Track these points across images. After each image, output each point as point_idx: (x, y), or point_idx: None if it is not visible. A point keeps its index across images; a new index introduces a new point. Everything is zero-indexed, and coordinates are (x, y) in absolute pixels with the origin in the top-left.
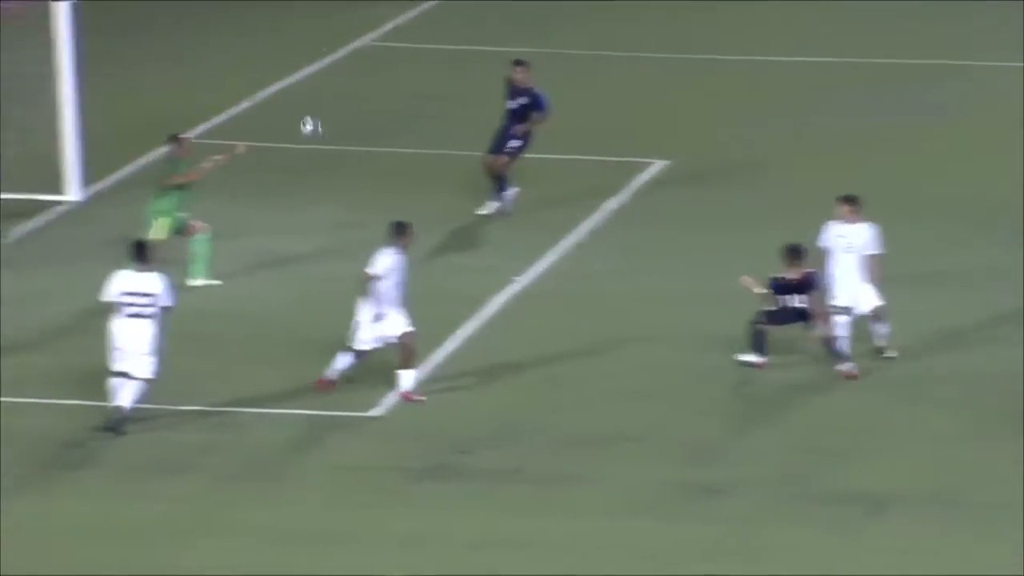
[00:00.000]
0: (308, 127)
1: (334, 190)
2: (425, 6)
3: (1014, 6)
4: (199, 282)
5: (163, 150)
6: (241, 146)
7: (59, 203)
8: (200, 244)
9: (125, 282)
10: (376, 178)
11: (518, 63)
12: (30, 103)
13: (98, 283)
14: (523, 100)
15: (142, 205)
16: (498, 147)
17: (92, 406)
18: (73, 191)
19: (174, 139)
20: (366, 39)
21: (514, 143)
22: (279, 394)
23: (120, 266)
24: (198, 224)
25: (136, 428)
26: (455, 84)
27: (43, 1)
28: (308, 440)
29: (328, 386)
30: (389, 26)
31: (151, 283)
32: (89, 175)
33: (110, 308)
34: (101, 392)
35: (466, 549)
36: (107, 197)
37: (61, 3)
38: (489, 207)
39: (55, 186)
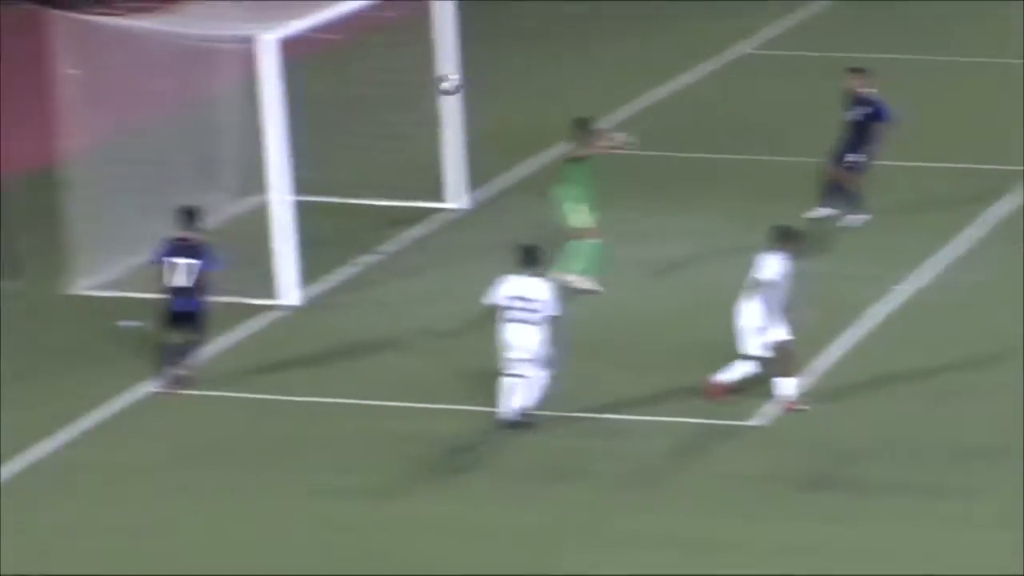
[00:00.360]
0: (448, 83)
1: (710, 197)
2: (800, 16)
3: None
4: (571, 278)
5: (562, 147)
6: (629, 139)
7: (442, 210)
8: (591, 248)
9: (513, 287)
10: (752, 186)
11: (855, 71)
12: (410, 109)
13: (482, 288)
14: (865, 110)
15: (525, 211)
16: (838, 158)
17: (478, 410)
18: (457, 198)
19: (579, 123)
20: (742, 47)
21: (856, 156)
22: (662, 401)
23: (506, 270)
24: (591, 229)
25: (523, 433)
26: (830, 93)
27: (421, 2)
28: (690, 448)
29: (720, 392)
30: (766, 34)
31: (538, 289)
32: (471, 181)
33: (497, 312)
34: (487, 396)
35: (846, 561)
36: (489, 203)
37: (443, 6)
38: (819, 212)
39: (437, 193)
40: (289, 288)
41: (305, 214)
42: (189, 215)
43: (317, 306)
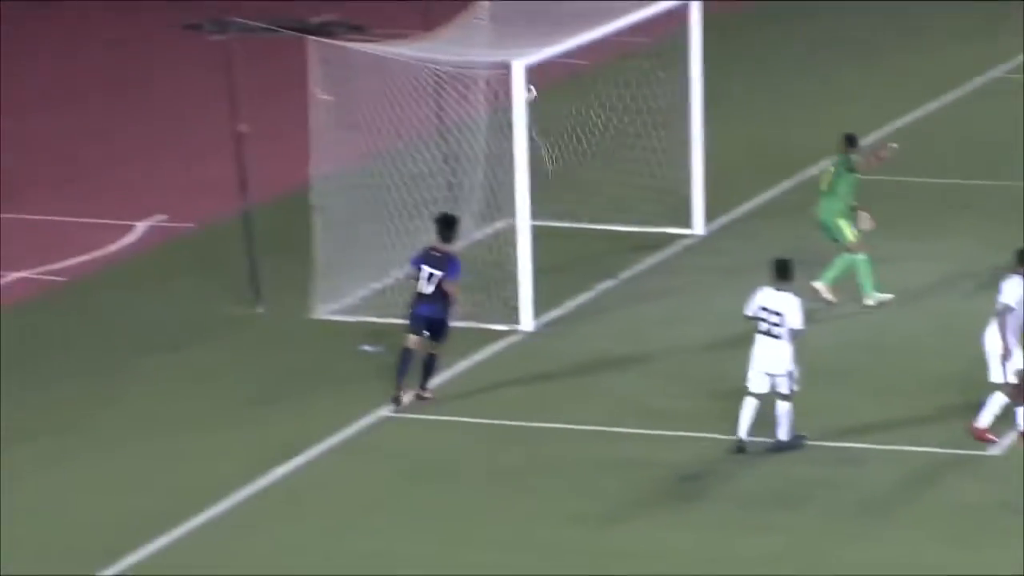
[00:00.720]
0: (530, 94)
1: (961, 222)
2: None
3: None
4: (872, 300)
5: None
6: (893, 145)
7: (686, 235)
8: (862, 263)
9: (764, 299)
10: (1006, 211)
11: None
12: (657, 135)
13: (719, 313)
14: None
15: (768, 236)
16: None
17: (710, 437)
18: (700, 223)
19: (847, 139)
20: (996, 71)
21: None
22: (901, 429)
23: (743, 294)
24: (860, 244)
25: (756, 460)
26: None
27: (671, 26)
28: (923, 477)
29: (985, 435)
30: (1020, 59)
31: (785, 303)
32: (716, 206)
33: (745, 329)
34: (719, 422)
35: None
36: (729, 229)
37: (694, 31)
38: None
39: (681, 218)
40: (527, 313)
41: (547, 239)
42: (444, 224)
43: (554, 331)
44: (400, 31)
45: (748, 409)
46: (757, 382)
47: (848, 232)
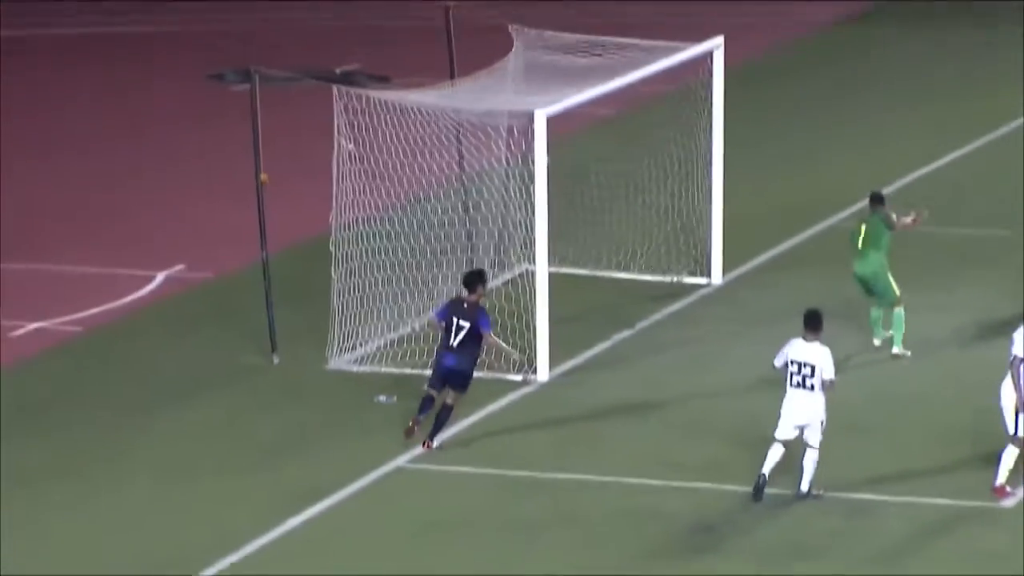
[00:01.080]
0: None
1: (987, 273)
2: None
3: None
4: (898, 350)
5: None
6: (925, 211)
7: (704, 285)
8: (895, 317)
9: (795, 350)
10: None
11: None
12: (678, 185)
13: (736, 362)
14: None
15: (785, 287)
16: None
17: (724, 488)
18: (716, 274)
19: (877, 197)
20: (1016, 123)
21: None
22: (916, 480)
23: (760, 345)
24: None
25: (773, 511)
26: None
27: (693, 76)
28: (940, 529)
29: (1005, 492)
30: None
31: (817, 354)
32: (735, 256)
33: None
34: (734, 472)
35: None
36: (746, 279)
37: (716, 81)
38: None
39: (701, 268)
40: (543, 363)
41: (566, 288)
42: (473, 277)
43: (570, 380)
44: (425, 81)
45: (775, 453)
46: (786, 430)
47: (895, 287)
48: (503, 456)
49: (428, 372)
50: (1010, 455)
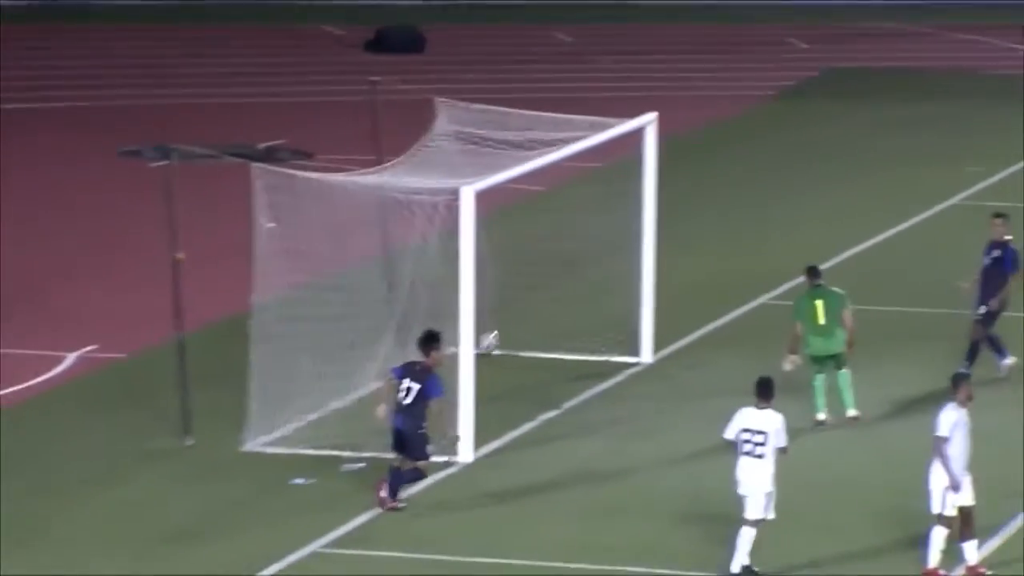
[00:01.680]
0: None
1: (917, 350)
2: (1015, 167)
3: None
4: (852, 413)
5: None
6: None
7: (633, 364)
8: (844, 378)
9: (744, 419)
10: (952, 339)
11: (997, 216)
12: (605, 263)
13: (666, 440)
14: (995, 254)
15: (715, 365)
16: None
17: (647, 571)
18: (646, 352)
19: (815, 271)
20: (953, 198)
21: (982, 309)
22: (839, 563)
23: (689, 425)
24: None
25: None
26: None
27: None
28: None
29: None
30: (979, 186)
31: (769, 421)
32: (663, 335)
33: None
34: (650, 557)
35: None
36: (677, 357)
37: (648, 157)
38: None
39: (629, 347)
40: (467, 443)
41: (492, 367)
42: (426, 339)
43: (494, 462)
44: (349, 157)
45: (744, 539)
46: (747, 505)
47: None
48: (425, 540)
49: (347, 453)
50: (939, 535)
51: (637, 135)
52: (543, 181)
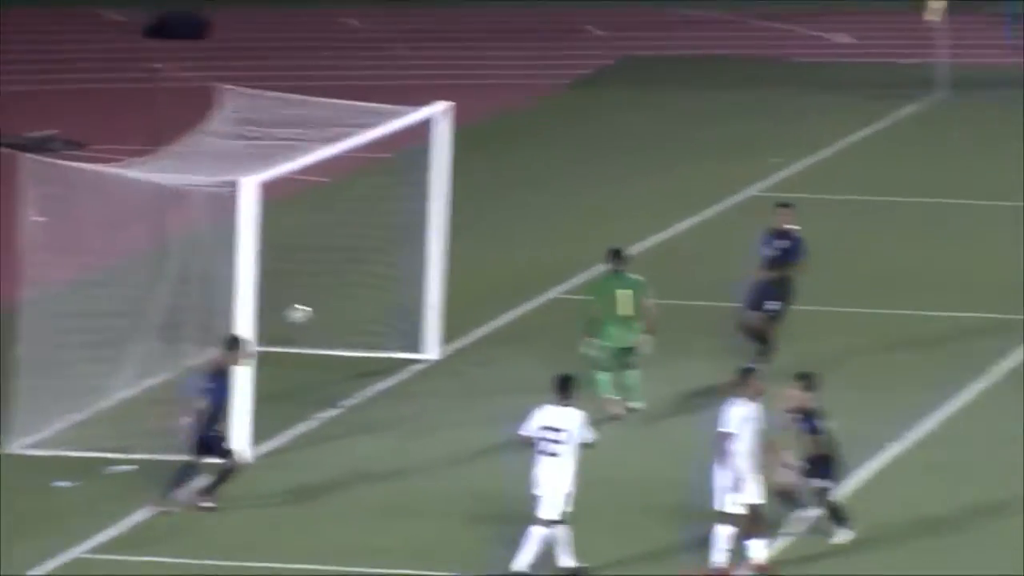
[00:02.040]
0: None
1: (712, 345)
2: (818, 157)
3: None
4: (637, 405)
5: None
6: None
7: (416, 360)
8: (633, 377)
9: (544, 417)
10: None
11: (782, 206)
12: (392, 256)
13: (450, 439)
14: (783, 244)
15: (502, 362)
16: (756, 304)
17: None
18: (431, 349)
19: (616, 254)
20: (752, 189)
21: (774, 304)
22: (625, 564)
23: (474, 423)
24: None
25: None
26: (846, 237)
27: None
28: None
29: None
30: (779, 176)
31: (571, 418)
32: (449, 331)
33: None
34: (451, 561)
35: None
36: (466, 354)
37: (439, 149)
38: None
39: (413, 343)
40: (244, 444)
41: (270, 365)
42: (228, 342)
43: (271, 462)
44: (124, 147)
45: (533, 539)
46: (543, 506)
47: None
48: (195, 544)
49: (115, 455)
50: (723, 533)
51: (427, 125)
52: (329, 172)
